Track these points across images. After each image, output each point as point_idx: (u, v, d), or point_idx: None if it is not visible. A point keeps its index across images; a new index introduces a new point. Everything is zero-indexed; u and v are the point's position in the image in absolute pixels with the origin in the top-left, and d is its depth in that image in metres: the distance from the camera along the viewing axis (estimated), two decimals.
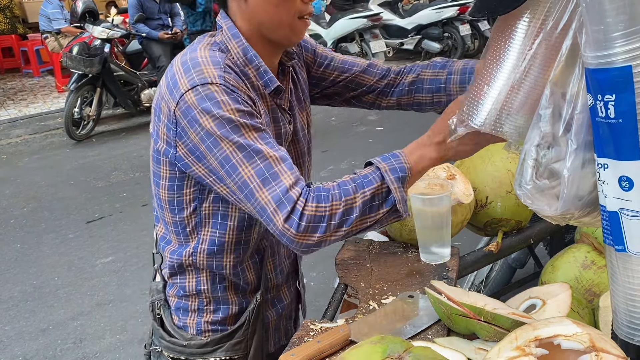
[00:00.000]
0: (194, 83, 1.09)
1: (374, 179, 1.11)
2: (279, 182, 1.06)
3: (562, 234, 2.01)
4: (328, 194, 1.08)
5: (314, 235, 1.06)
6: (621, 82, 0.83)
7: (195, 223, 1.25)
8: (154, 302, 1.37)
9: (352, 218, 1.09)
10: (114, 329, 3.28)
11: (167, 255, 1.31)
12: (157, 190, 1.26)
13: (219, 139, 1.07)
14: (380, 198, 1.11)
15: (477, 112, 0.99)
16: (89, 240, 4.38)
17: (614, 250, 0.93)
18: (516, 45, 0.97)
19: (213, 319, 1.32)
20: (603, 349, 0.85)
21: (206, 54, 1.14)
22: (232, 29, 1.20)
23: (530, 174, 0.97)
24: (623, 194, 0.87)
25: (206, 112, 1.07)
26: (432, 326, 1.22)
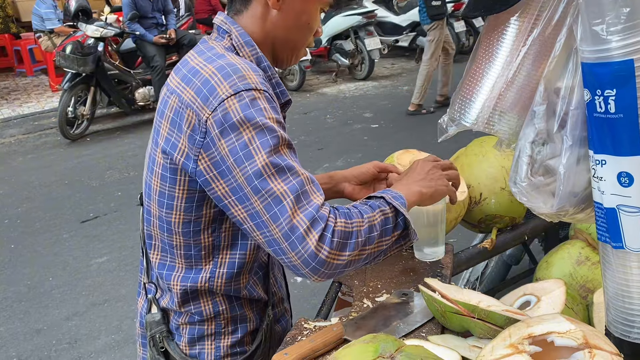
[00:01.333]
0: (238, 89, 1.03)
1: (381, 204, 1.11)
2: (310, 200, 1.02)
3: (556, 230, 2.01)
4: (350, 212, 1.06)
5: (344, 254, 1.02)
6: (623, 77, 0.82)
7: (213, 246, 1.18)
8: (155, 336, 1.26)
9: (374, 237, 1.07)
10: (109, 329, 3.27)
11: (176, 283, 1.21)
12: (164, 212, 1.16)
13: (253, 151, 1.01)
14: (393, 221, 1.10)
15: (469, 110, 0.98)
16: (84, 240, 4.36)
17: (610, 248, 0.92)
18: (508, 43, 0.97)
19: (232, 341, 1.25)
20: (596, 346, 0.84)
21: (240, 60, 1.09)
22: (244, 35, 1.16)
23: (525, 171, 0.96)
24: (622, 190, 0.86)
25: (248, 120, 1.01)
26: (426, 324, 1.22)
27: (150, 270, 1.27)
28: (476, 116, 0.98)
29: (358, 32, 8.89)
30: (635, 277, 0.90)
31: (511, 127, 0.98)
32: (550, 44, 0.95)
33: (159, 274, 1.24)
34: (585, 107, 0.90)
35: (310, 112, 7.67)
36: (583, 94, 0.90)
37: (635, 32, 0.80)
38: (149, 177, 1.18)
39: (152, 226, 1.21)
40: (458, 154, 1.83)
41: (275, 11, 1.15)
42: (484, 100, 0.97)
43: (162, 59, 7.17)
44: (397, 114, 7.25)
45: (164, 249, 1.22)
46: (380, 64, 9.96)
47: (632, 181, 0.85)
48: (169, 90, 1.13)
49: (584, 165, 0.92)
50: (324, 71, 10.08)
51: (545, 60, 0.96)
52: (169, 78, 1.17)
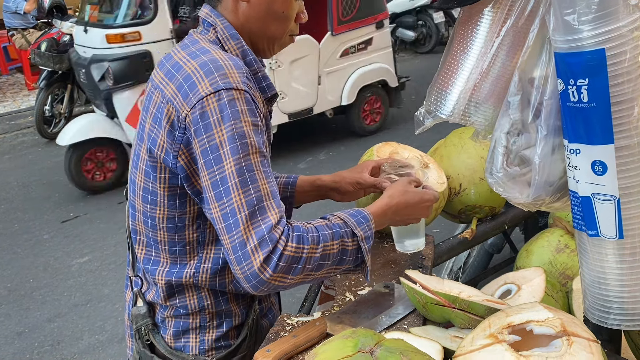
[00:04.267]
0: (218, 87, 1.03)
1: (345, 234, 1.12)
2: (265, 217, 1.03)
3: (536, 218, 2.03)
4: (307, 236, 1.07)
5: (287, 277, 1.04)
6: (594, 66, 0.83)
7: (198, 241, 1.18)
8: (140, 329, 1.26)
9: (326, 265, 1.09)
10: (92, 329, 3.24)
11: (160, 277, 1.21)
12: (149, 207, 1.16)
13: (223, 156, 1.02)
14: (352, 254, 1.13)
15: (445, 102, 0.98)
16: (64, 240, 4.31)
17: (586, 236, 0.93)
18: (482, 34, 0.97)
19: (217, 334, 1.25)
20: (574, 333, 0.85)
21: (224, 56, 1.08)
22: (229, 28, 1.15)
23: (501, 162, 0.97)
24: (596, 178, 0.87)
25: (224, 121, 1.02)
26: (408, 316, 1.22)
27: (136, 264, 1.28)
28: (452, 108, 0.98)
29: None
30: (611, 264, 0.91)
31: (487, 118, 0.98)
32: (523, 34, 0.95)
33: (145, 269, 1.24)
34: (559, 97, 0.91)
35: None
36: (557, 84, 0.90)
37: (605, 21, 0.81)
38: (134, 173, 1.19)
39: (137, 221, 1.22)
40: (437, 145, 1.83)
41: (244, 3, 1.14)
42: (460, 91, 0.98)
43: None
44: None
45: (148, 244, 1.22)
46: None
47: (606, 169, 0.86)
48: (153, 86, 1.14)
49: (558, 155, 0.93)
50: None
51: (519, 50, 0.96)
52: (153, 72, 1.17)
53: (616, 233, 0.89)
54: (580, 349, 0.82)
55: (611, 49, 0.81)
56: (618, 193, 0.86)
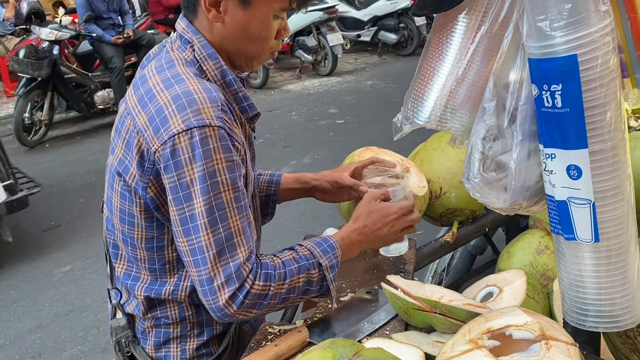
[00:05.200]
0: (190, 124, 1.00)
1: (311, 265, 1.14)
2: (234, 255, 1.04)
3: (517, 220, 2.04)
4: (275, 273, 1.08)
5: (252, 312, 1.07)
6: (567, 72, 0.83)
7: (178, 261, 1.18)
8: (120, 341, 1.25)
9: (291, 297, 1.12)
10: (75, 339, 3.19)
11: (139, 293, 1.21)
12: (127, 228, 1.15)
13: (193, 194, 1.01)
14: (317, 284, 1.15)
15: (421, 108, 0.99)
16: (46, 249, 4.24)
17: (563, 239, 0.94)
18: (457, 40, 0.97)
19: (198, 343, 1.25)
20: (553, 337, 0.86)
21: (199, 87, 1.04)
22: (207, 47, 1.11)
23: (478, 167, 0.98)
24: (571, 182, 0.88)
25: (195, 160, 1.00)
26: (390, 321, 1.22)
27: (115, 276, 1.27)
28: (429, 114, 0.99)
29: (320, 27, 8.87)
30: (588, 267, 0.92)
31: (463, 123, 0.99)
32: (498, 40, 0.96)
33: (124, 282, 1.24)
34: (533, 102, 0.91)
35: (275, 110, 7.62)
36: (531, 89, 0.91)
37: (577, 27, 0.82)
38: (110, 193, 1.17)
39: (117, 238, 1.21)
40: (418, 149, 1.84)
41: (219, 24, 1.11)
42: (436, 97, 0.98)
43: (120, 60, 7.01)
44: (362, 109, 7.27)
45: (129, 260, 1.22)
46: (343, 59, 9.96)
47: (581, 174, 0.87)
48: (126, 110, 1.10)
49: (534, 160, 0.93)
50: (288, 68, 10.04)
51: (494, 56, 0.97)
52: (128, 93, 1.14)
53: (592, 236, 0.90)
54: (559, 353, 0.83)
55: (583, 55, 0.82)
56: (593, 197, 0.87)
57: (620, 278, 0.91)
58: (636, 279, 0.92)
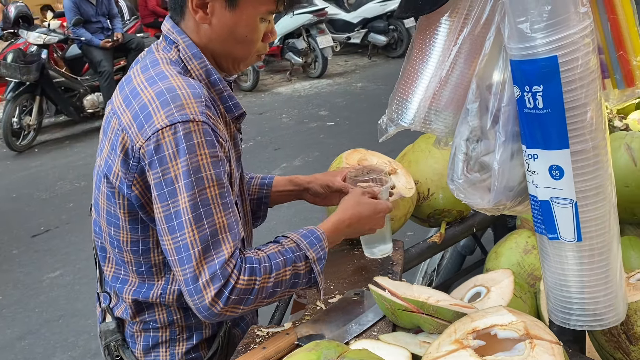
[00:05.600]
0: (174, 119, 1.00)
1: (298, 258, 1.13)
2: (219, 252, 1.03)
3: (504, 220, 2.05)
4: (260, 267, 1.07)
5: (239, 307, 1.06)
6: (548, 73, 0.84)
7: (164, 263, 1.17)
8: (110, 345, 1.25)
9: (278, 291, 1.11)
10: (65, 345, 3.17)
11: (127, 296, 1.20)
12: (113, 230, 1.15)
13: (178, 190, 1.01)
14: (304, 277, 1.15)
15: (406, 110, 0.99)
16: (35, 255, 4.21)
17: (546, 239, 0.95)
18: (440, 42, 0.98)
19: (187, 347, 1.24)
20: (537, 336, 0.86)
21: (183, 84, 1.05)
22: (192, 47, 1.12)
23: (462, 168, 0.98)
24: (554, 182, 0.89)
25: (179, 155, 1.00)
26: (377, 323, 1.22)
27: (104, 279, 1.27)
28: (413, 116, 0.99)
29: (310, 30, 8.88)
30: (571, 267, 0.93)
31: (447, 125, 1.00)
32: (480, 42, 0.97)
33: (113, 286, 1.23)
34: (516, 103, 0.92)
35: (266, 112, 7.62)
36: (513, 91, 0.92)
37: (557, 29, 0.82)
38: (97, 195, 1.17)
39: (104, 241, 1.21)
40: (406, 150, 1.85)
41: (206, 25, 1.11)
42: (420, 99, 0.99)
43: (109, 64, 6.98)
44: (353, 111, 7.28)
45: (117, 263, 1.22)
46: (334, 62, 9.98)
47: (563, 174, 0.88)
48: (112, 110, 1.11)
49: (517, 160, 0.94)
50: (278, 70, 10.04)
51: (477, 58, 0.98)
52: (114, 94, 1.14)
53: (575, 236, 0.90)
54: (543, 352, 0.83)
55: (563, 56, 0.83)
56: (575, 196, 0.88)
57: (603, 277, 0.92)
58: (618, 278, 0.93)
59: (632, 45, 0.92)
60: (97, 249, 1.26)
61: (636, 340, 1.00)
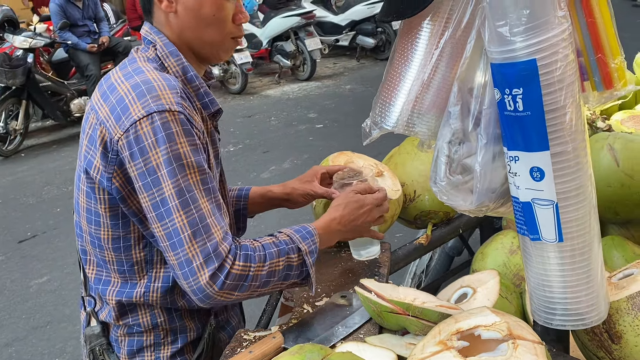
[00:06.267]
0: (150, 110, 1.02)
1: (290, 250, 1.15)
2: (210, 235, 1.04)
3: (491, 221, 2.07)
4: (254, 255, 1.09)
5: (233, 294, 1.06)
6: (527, 76, 0.85)
7: (146, 261, 1.17)
8: (95, 349, 1.25)
9: (272, 281, 1.12)
10: (53, 352, 3.14)
11: (111, 297, 1.20)
12: (93, 228, 1.15)
13: (161, 178, 1.02)
14: (297, 269, 1.16)
15: (389, 113, 1.00)
16: (22, 260, 4.18)
17: (529, 240, 0.96)
18: (422, 45, 0.99)
19: (172, 351, 1.24)
20: (520, 336, 0.87)
21: (158, 76, 1.07)
22: (168, 45, 1.14)
23: (444, 171, 0.99)
24: (535, 184, 0.90)
25: (159, 144, 1.01)
26: (364, 325, 1.23)
27: (88, 283, 1.27)
28: (396, 119, 1.00)
29: (298, 32, 8.89)
30: (553, 267, 0.93)
31: (430, 128, 1.00)
32: (461, 45, 0.98)
33: (96, 288, 1.23)
34: (497, 106, 0.93)
35: (254, 115, 7.61)
36: (494, 93, 0.93)
37: (536, 32, 0.83)
38: (77, 194, 1.18)
39: (85, 242, 1.21)
40: (392, 152, 1.85)
41: (172, 14, 1.14)
42: (403, 103, 0.99)
43: (96, 67, 6.94)
44: (341, 113, 7.29)
45: (98, 264, 1.21)
46: (322, 64, 9.99)
47: (544, 175, 0.89)
48: (91, 107, 1.13)
49: (499, 162, 0.95)
50: (267, 73, 10.04)
51: (458, 61, 0.98)
52: (94, 92, 1.16)
53: (556, 236, 0.91)
54: (525, 352, 0.84)
55: (542, 59, 0.84)
56: (556, 198, 0.89)
57: (585, 276, 0.93)
58: (600, 277, 0.94)
59: (610, 47, 0.94)
60: (79, 252, 1.26)
61: (618, 339, 1.01)
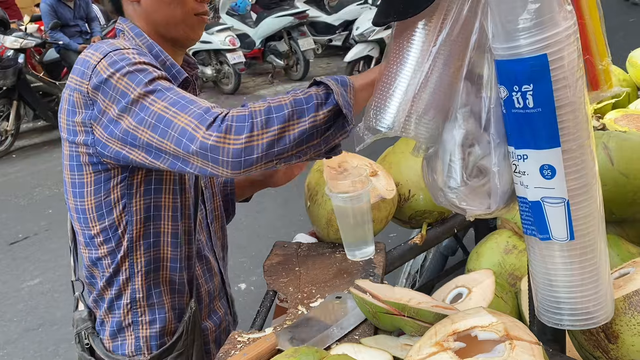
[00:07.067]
0: (106, 51, 1.09)
1: (309, 87, 1.05)
2: (197, 105, 1.01)
3: (485, 220, 2.06)
4: (248, 103, 1.02)
5: (240, 137, 0.95)
6: (538, 72, 0.83)
7: (127, 221, 1.21)
8: (80, 333, 1.30)
9: (281, 115, 0.98)
10: (45, 355, 3.12)
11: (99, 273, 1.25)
12: (82, 201, 1.20)
13: (128, 91, 1.04)
14: (319, 98, 1.01)
15: (384, 115, 0.97)
16: (13, 262, 4.14)
17: (537, 240, 0.93)
18: (418, 45, 0.96)
19: (151, 332, 1.27)
20: (517, 337, 0.86)
21: (120, 40, 1.16)
22: (134, 29, 1.21)
23: (461, 175, 0.96)
24: (545, 182, 0.88)
25: (118, 71, 1.06)
26: (359, 326, 1.22)
27: (77, 267, 1.32)
28: (392, 122, 0.96)
29: (291, 32, 8.86)
30: (563, 266, 0.91)
31: (429, 129, 0.98)
32: (460, 44, 0.95)
33: (86, 267, 1.28)
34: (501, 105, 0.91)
35: None
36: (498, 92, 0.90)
37: (546, 27, 0.82)
38: (64, 175, 1.23)
39: (75, 221, 1.25)
40: (386, 152, 1.85)
41: (136, 4, 1.21)
42: (398, 104, 0.96)
43: None
44: None
45: (87, 243, 1.25)
46: (316, 64, 9.97)
47: (555, 173, 0.87)
48: (66, 86, 1.18)
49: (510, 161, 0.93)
50: (260, 73, 10.01)
51: (456, 60, 0.96)
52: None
53: (567, 235, 0.89)
54: (523, 352, 0.83)
55: (553, 54, 0.82)
56: (567, 195, 0.87)
57: (594, 275, 0.91)
58: (607, 275, 0.93)
59: (598, 49, 0.93)
60: (69, 237, 1.32)
61: (615, 339, 1.00)
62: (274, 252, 1.61)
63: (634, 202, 1.45)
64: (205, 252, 1.35)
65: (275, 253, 1.60)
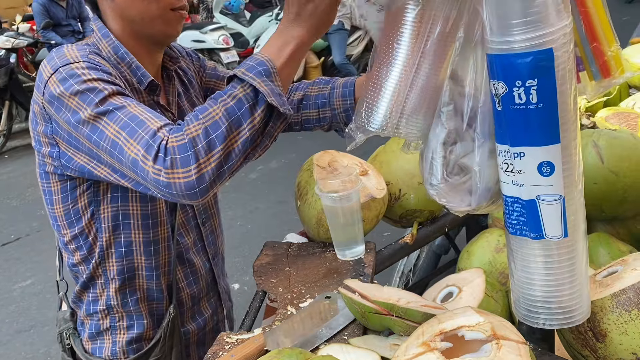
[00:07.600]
0: (56, 66, 1.09)
1: (233, 86, 1.01)
2: (145, 128, 1.00)
3: (477, 219, 2.06)
4: (187, 119, 1.00)
5: (188, 169, 0.95)
6: (544, 66, 0.82)
7: (97, 229, 1.22)
8: (62, 333, 1.32)
9: (220, 133, 0.96)
10: (37, 356, 3.10)
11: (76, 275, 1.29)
12: (52, 209, 1.23)
13: (81, 111, 1.05)
14: (249, 99, 0.99)
15: (374, 115, 0.97)
16: (5, 264, 4.12)
17: (527, 240, 0.92)
18: (405, 44, 0.96)
19: (128, 337, 1.28)
20: (503, 336, 0.86)
21: (73, 47, 1.16)
22: (102, 29, 1.21)
23: (441, 172, 0.96)
24: (543, 180, 0.87)
25: (67, 89, 1.06)
26: (348, 326, 1.21)
27: (62, 267, 1.35)
28: (382, 121, 0.96)
29: None
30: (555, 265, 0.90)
31: (419, 129, 0.97)
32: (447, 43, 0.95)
33: (69, 269, 1.30)
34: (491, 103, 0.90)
35: None
36: (489, 90, 0.89)
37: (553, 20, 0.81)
38: (40, 184, 1.25)
39: (53, 228, 1.28)
40: (377, 151, 1.84)
41: (110, 1, 1.20)
42: (388, 104, 0.96)
43: None
44: None
45: (64, 249, 1.27)
46: None
47: (554, 170, 0.86)
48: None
49: (495, 160, 0.93)
50: None
51: (445, 59, 0.96)
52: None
53: (561, 233, 0.88)
54: (509, 352, 0.83)
55: (558, 48, 0.81)
56: (563, 192, 0.86)
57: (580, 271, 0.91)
58: (585, 273, 0.93)
59: (605, 36, 0.91)
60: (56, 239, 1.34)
61: (603, 337, 1.00)
62: (264, 252, 1.60)
63: (624, 200, 1.45)
64: (189, 255, 1.34)
65: (266, 253, 1.59)
